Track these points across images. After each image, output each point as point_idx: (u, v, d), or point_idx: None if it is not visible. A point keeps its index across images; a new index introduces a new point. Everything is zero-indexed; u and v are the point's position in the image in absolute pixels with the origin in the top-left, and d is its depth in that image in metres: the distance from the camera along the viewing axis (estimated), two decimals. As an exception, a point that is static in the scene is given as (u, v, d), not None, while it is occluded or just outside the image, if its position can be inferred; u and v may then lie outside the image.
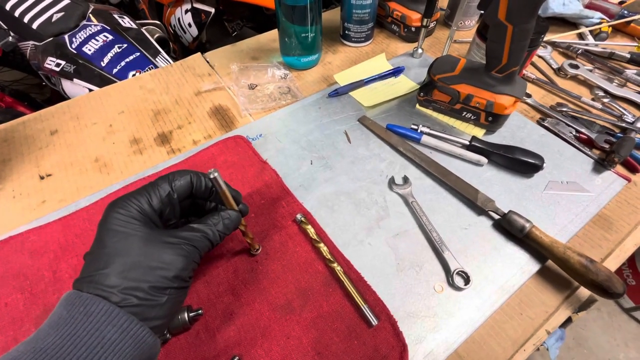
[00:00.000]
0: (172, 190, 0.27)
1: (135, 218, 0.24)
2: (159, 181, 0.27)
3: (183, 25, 1.04)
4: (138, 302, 0.22)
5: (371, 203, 0.40)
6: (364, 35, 0.62)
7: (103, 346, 0.20)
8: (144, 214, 0.25)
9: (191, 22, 1.00)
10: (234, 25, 1.51)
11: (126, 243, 0.23)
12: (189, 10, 0.99)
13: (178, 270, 0.24)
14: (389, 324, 0.31)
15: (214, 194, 0.30)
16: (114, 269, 0.22)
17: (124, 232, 0.24)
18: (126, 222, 0.24)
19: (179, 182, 0.28)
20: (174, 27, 1.11)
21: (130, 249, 0.23)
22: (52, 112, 0.53)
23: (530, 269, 0.36)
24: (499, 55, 0.41)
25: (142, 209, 0.25)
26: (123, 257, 0.23)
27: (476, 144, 0.44)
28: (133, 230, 0.24)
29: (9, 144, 0.49)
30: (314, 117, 0.50)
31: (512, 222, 0.36)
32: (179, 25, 1.08)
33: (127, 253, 0.23)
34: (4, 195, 0.43)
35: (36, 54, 0.82)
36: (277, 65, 0.58)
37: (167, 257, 0.24)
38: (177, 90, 0.56)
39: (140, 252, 0.23)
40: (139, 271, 0.23)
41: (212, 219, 0.28)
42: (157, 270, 0.23)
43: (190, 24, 1.01)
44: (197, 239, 0.26)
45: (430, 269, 0.35)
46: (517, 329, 0.33)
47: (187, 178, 0.28)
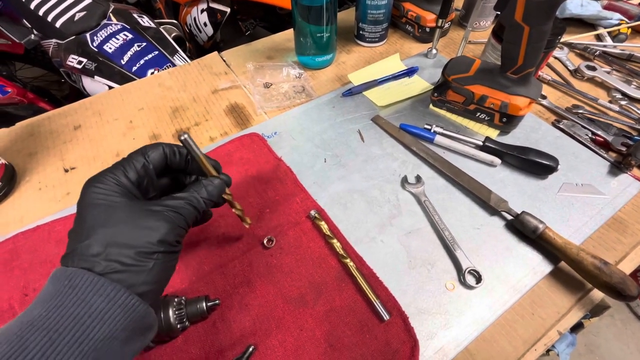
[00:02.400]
0: (146, 162, 0.27)
1: (114, 190, 0.24)
2: (132, 154, 0.27)
3: (199, 24, 1.06)
4: (123, 268, 0.21)
5: (384, 201, 0.41)
6: (378, 35, 0.63)
7: (90, 315, 0.20)
8: (122, 185, 0.25)
9: (207, 21, 1.02)
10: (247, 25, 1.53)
11: (107, 213, 0.23)
12: (205, 10, 1.01)
13: (163, 235, 0.23)
14: (401, 320, 0.32)
15: (189, 163, 0.29)
16: (96, 239, 0.22)
17: (103, 204, 0.23)
18: (105, 194, 0.23)
19: (152, 153, 0.27)
20: (190, 27, 1.13)
21: (111, 218, 0.23)
22: (76, 108, 0.55)
23: (543, 270, 0.36)
24: (515, 56, 0.41)
25: (119, 181, 0.25)
26: (104, 226, 0.22)
27: (490, 145, 0.44)
28: (112, 201, 0.23)
29: (35, 138, 0.51)
30: (328, 116, 0.51)
31: (525, 222, 0.37)
32: (194, 24, 1.10)
33: (109, 222, 0.22)
34: (31, 187, 0.45)
35: (59, 51, 0.85)
36: (291, 65, 0.59)
37: (150, 223, 0.23)
38: (195, 88, 0.58)
39: (121, 219, 0.23)
40: (121, 237, 0.22)
41: (195, 186, 0.28)
42: (141, 236, 0.23)
43: (205, 23, 1.03)
44: (181, 205, 0.26)
45: (442, 267, 0.36)
46: (528, 329, 0.33)
47: (159, 148, 0.28)
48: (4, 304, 0.34)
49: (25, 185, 0.46)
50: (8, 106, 1.12)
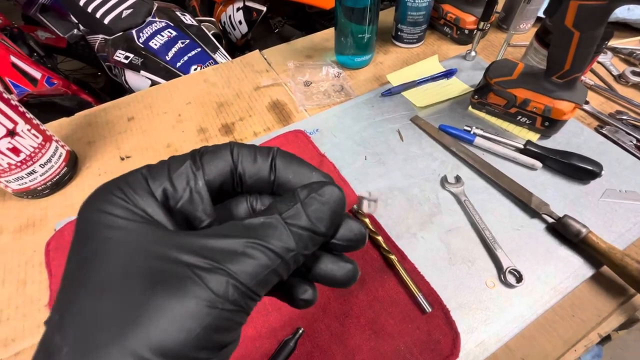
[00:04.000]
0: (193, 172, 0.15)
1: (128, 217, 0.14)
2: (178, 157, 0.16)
3: (234, 22, 1.09)
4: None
5: (424, 199, 0.42)
6: (416, 36, 0.64)
7: None
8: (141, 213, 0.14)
9: (242, 19, 1.05)
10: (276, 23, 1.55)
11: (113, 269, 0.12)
12: (241, 8, 1.04)
13: (194, 340, 0.11)
14: (442, 313, 0.33)
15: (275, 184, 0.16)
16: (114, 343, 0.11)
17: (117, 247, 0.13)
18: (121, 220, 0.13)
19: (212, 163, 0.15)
20: (224, 24, 1.17)
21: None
22: (128, 101, 0.59)
23: (584, 274, 0.36)
24: (562, 61, 0.41)
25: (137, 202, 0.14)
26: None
27: (531, 148, 0.44)
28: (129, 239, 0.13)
29: (92, 128, 0.55)
30: (367, 115, 0.53)
31: (567, 226, 0.37)
32: (229, 22, 1.13)
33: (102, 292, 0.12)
34: (91, 173, 0.49)
35: (105, 47, 0.90)
36: (330, 64, 0.61)
37: (162, 321, 0.11)
38: (238, 84, 0.61)
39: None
40: (103, 335, 0.11)
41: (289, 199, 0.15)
42: (138, 339, 0.11)
43: (240, 21, 1.06)
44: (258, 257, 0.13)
45: (483, 265, 0.37)
46: (568, 330, 0.34)
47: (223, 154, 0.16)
48: (76, 277, 0.37)
49: (86, 171, 0.50)
50: (55, 97, 1.19)
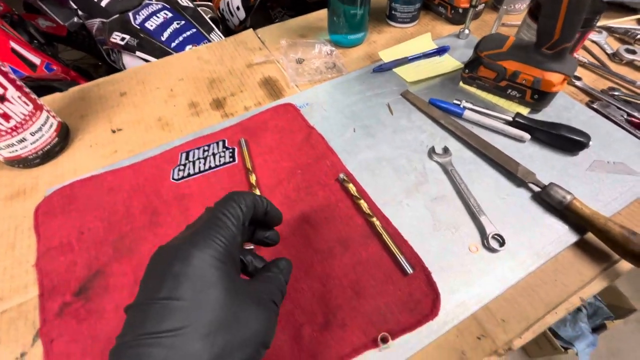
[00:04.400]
0: (243, 215, 0.22)
1: (221, 259, 0.19)
2: (227, 206, 0.22)
3: (232, 8, 1.09)
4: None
5: (410, 169, 0.42)
6: (410, 16, 0.63)
7: None
8: (230, 252, 0.20)
9: (240, 5, 1.05)
10: (276, 13, 1.55)
11: (208, 294, 0.17)
12: (239, -6, 1.04)
13: (268, 337, 0.19)
14: (424, 274, 0.34)
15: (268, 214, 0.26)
16: (196, 329, 0.16)
17: (207, 278, 0.18)
18: (212, 264, 0.18)
19: (245, 203, 0.23)
20: (222, 11, 1.17)
21: (214, 300, 0.17)
22: (122, 77, 0.59)
23: (568, 240, 0.36)
24: (552, 30, 0.41)
25: (227, 246, 0.20)
26: (206, 312, 0.17)
27: (520, 120, 0.44)
28: (218, 276, 0.18)
29: (85, 102, 0.56)
30: (358, 90, 0.53)
31: (552, 193, 0.37)
32: (227, 8, 1.13)
33: (210, 307, 0.17)
34: (83, 145, 0.50)
35: (102, 30, 0.90)
36: (324, 42, 0.61)
37: (255, 320, 0.18)
38: (231, 62, 0.61)
39: (225, 308, 0.17)
40: (228, 336, 0.17)
41: (275, 265, 0.24)
42: (250, 336, 0.18)
43: (238, 7, 1.06)
44: (276, 293, 0.21)
45: (466, 231, 0.37)
46: (549, 293, 0.34)
47: (250, 197, 0.24)
48: (64, 239, 0.38)
49: (78, 142, 0.50)
50: (53, 81, 1.20)
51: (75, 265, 0.36)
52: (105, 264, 0.36)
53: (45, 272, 0.35)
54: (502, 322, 0.32)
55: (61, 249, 0.37)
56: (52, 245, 0.37)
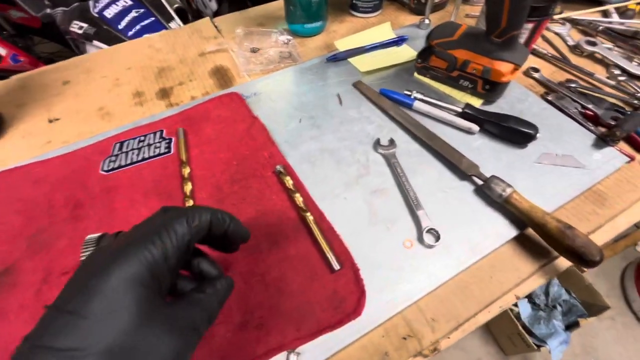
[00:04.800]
0: (190, 235, 0.20)
1: (143, 281, 0.18)
2: (173, 222, 0.20)
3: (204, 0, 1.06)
4: None
5: (353, 161, 0.41)
6: (372, 5, 0.62)
7: None
8: (155, 273, 0.18)
9: (211, -5, 1.02)
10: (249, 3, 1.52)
11: (120, 315, 0.16)
12: (210, -16, 1.01)
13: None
14: (351, 271, 0.32)
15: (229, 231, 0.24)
16: (94, 353, 0.15)
17: (121, 298, 0.17)
18: (130, 285, 0.17)
19: (199, 222, 0.21)
20: (196, 3, 1.14)
21: (123, 323, 0.16)
22: (67, 65, 0.57)
23: (506, 235, 0.34)
24: (499, 17, 0.39)
25: (154, 266, 0.18)
26: (110, 335, 0.16)
27: (469, 112, 0.43)
28: (133, 297, 0.17)
29: (26, 91, 0.53)
30: (310, 80, 0.50)
31: (492, 186, 0.35)
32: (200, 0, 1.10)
33: (118, 329, 0.16)
34: (15, 135, 0.47)
35: (64, 19, 0.87)
36: (281, 32, 0.59)
37: (166, 348, 0.17)
38: (183, 50, 0.58)
39: (132, 334, 0.16)
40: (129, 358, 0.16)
41: (211, 286, 0.22)
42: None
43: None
44: (201, 319, 0.20)
45: (403, 225, 0.35)
46: (484, 291, 0.32)
47: (207, 216, 0.22)
48: (-25, 234, 0.35)
49: (11, 132, 0.47)
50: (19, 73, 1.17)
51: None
52: (17, 259, 0.34)
53: (-50, 269, 0.33)
54: (432, 321, 0.30)
55: (-28, 245, 0.34)
56: (-39, 240, 0.35)
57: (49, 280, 0.32)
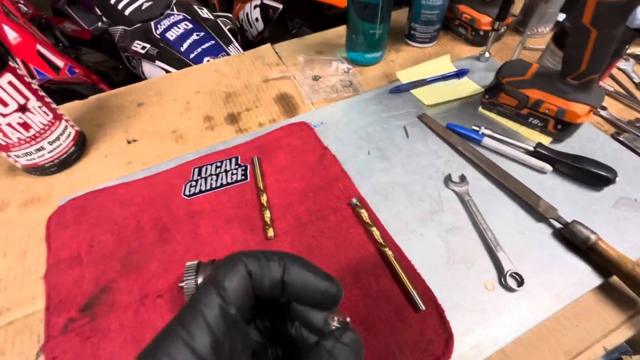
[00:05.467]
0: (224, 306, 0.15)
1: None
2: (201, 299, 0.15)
3: (250, 19, 1.11)
4: None
5: (425, 196, 0.41)
6: (429, 36, 0.63)
7: None
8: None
9: (259, 17, 1.06)
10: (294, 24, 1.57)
11: None
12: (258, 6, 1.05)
13: None
14: (436, 312, 0.32)
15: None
16: None
17: None
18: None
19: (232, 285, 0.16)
20: (241, 21, 1.19)
21: None
22: (140, 87, 0.60)
23: (591, 282, 0.34)
24: (578, 61, 0.39)
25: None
26: None
27: (541, 151, 0.43)
28: None
29: (103, 111, 0.56)
30: (374, 111, 0.52)
31: (575, 232, 0.35)
32: (246, 19, 1.15)
33: None
34: (98, 154, 0.50)
35: (125, 37, 0.93)
36: (340, 60, 0.61)
37: None
38: (247, 76, 0.61)
39: None
40: None
41: (323, 349, 0.16)
42: None
43: (257, 19, 1.07)
44: None
45: (482, 266, 0.35)
46: (570, 340, 0.32)
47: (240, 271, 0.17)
48: (74, 252, 0.38)
49: (94, 151, 0.50)
50: (75, 84, 1.24)
51: (82, 280, 0.36)
52: (112, 279, 0.36)
53: (53, 285, 0.35)
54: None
55: (70, 262, 0.37)
56: (61, 257, 0.37)
57: (145, 302, 0.34)
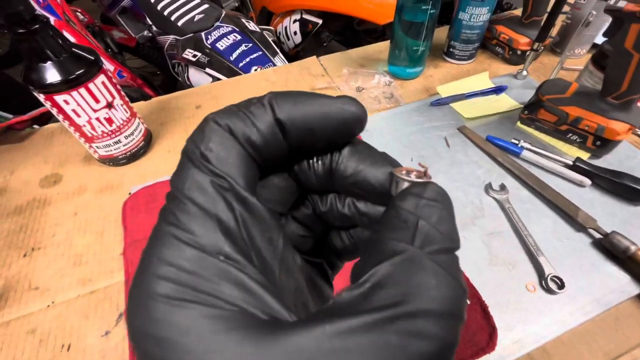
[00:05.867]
0: (218, 180, 0.10)
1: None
2: (185, 191, 0.10)
3: (289, 33, 1.17)
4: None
5: (467, 202, 0.44)
6: (467, 54, 0.66)
7: None
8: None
9: (297, 30, 1.13)
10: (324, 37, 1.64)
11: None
12: (298, 20, 1.12)
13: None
14: (480, 307, 0.35)
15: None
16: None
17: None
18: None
19: (214, 153, 0.11)
20: (279, 34, 1.26)
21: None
22: (197, 92, 0.66)
23: (631, 291, 0.36)
24: (619, 82, 0.42)
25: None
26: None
27: (581, 165, 0.45)
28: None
29: (165, 112, 0.62)
30: (416, 122, 0.55)
31: (615, 242, 0.37)
32: (284, 32, 1.22)
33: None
34: (162, 149, 0.55)
35: (175, 46, 1.00)
36: (382, 73, 0.65)
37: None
38: (295, 85, 0.66)
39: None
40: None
41: (395, 220, 0.10)
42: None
43: (295, 32, 1.14)
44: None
45: (524, 269, 0.38)
46: (610, 343, 0.33)
47: (218, 135, 0.11)
48: (147, 233, 0.42)
49: (158, 147, 0.56)
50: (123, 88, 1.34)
51: (156, 258, 0.40)
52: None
53: (131, 261, 0.40)
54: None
55: (144, 242, 0.41)
56: (137, 237, 0.42)
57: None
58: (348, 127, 0.12)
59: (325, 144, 0.12)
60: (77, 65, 0.42)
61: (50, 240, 0.44)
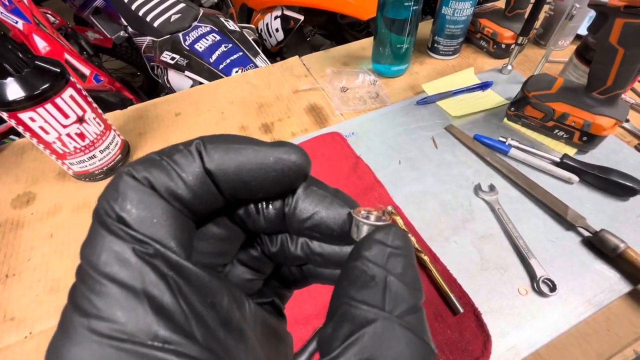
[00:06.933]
0: (140, 246, 0.09)
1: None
2: (99, 265, 0.08)
3: (270, 30, 1.14)
4: None
5: (457, 205, 0.43)
6: (452, 49, 0.65)
7: None
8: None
9: (279, 27, 1.10)
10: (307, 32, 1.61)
11: None
12: (279, 17, 1.09)
13: None
14: (473, 315, 0.34)
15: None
16: None
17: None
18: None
19: (132, 213, 0.09)
20: (260, 31, 1.22)
21: None
22: (176, 98, 0.63)
23: (621, 289, 0.36)
24: (604, 77, 0.41)
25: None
26: None
27: (568, 162, 0.45)
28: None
29: (143, 120, 0.60)
30: (402, 122, 0.54)
31: (604, 240, 0.37)
32: (265, 29, 1.18)
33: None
34: (141, 161, 0.53)
35: (152, 48, 0.96)
36: (367, 72, 0.63)
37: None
38: (278, 87, 0.64)
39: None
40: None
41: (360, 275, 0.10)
42: None
43: (277, 29, 1.11)
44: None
45: (515, 272, 0.37)
46: (602, 344, 0.33)
47: (135, 191, 0.09)
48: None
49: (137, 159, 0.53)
50: (101, 92, 1.28)
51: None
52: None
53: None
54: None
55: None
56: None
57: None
58: (288, 179, 0.11)
59: (264, 195, 0.11)
60: (41, 80, 0.39)
61: (26, 265, 0.42)
